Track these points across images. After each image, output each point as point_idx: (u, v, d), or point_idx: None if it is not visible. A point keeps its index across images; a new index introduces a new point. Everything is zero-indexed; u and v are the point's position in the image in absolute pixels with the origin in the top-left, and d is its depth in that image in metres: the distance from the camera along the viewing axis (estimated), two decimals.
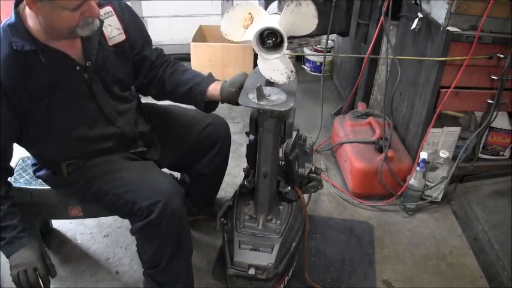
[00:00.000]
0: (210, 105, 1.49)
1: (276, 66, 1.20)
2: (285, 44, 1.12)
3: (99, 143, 1.41)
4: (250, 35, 1.13)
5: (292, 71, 1.21)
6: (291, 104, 1.19)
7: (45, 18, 1.15)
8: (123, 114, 1.44)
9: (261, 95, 1.19)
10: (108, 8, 1.35)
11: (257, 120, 1.32)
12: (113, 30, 1.36)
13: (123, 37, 1.38)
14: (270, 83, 1.30)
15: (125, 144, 1.47)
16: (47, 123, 1.30)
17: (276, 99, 1.22)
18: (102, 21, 1.31)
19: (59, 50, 1.24)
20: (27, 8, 1.16)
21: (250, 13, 1.13)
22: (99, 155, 1.42)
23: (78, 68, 1.29)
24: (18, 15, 1.20)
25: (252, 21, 1.14)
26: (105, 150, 1.42)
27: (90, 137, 1.38)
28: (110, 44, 1.36)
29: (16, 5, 1.21)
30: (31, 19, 1.19)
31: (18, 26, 1.19)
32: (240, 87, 1.31)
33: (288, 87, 1.27)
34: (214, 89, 1.43)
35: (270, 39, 1.12)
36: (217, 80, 1.46)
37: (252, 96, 1.21)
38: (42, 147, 1.38)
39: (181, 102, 1.57)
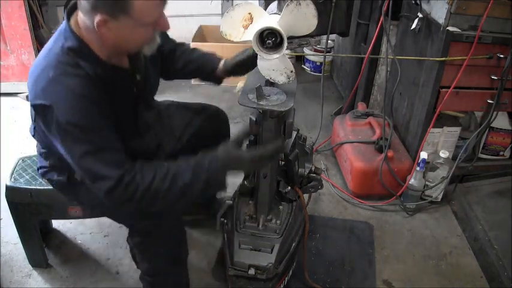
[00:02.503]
0: (220, 80, 1.55)
1: (275, 66, 1.20)
2: (285, 44, 1.12)
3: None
4: (250, 35, 1.13)
5: (292, 71, 1.21)
6: (291, 104, 1.19)
7: (117, 37, 1.06)
8: (151, 127, 1.39)
9: (260, 95, 1.19)
10: None
11: (257, 120, 1.32)
12: None
13: None
14: (270, 83, 1.30)
15: (147, 154, 1.36)
16: None
17: (275, 99, 1.22)
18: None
19: (123, 68, 1.20)
20: (86, 28, 1.08)
21: (250, 13, 1.13)
22: None
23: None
24: (78, 37, 1.10)
25: (252, 21, 1.14)
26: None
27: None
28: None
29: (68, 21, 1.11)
30: (95, 40, 1.10)
31: (83, 50, 1.10)
32: (245, 58, 1.37)
33: (287, 87, 1.27)
34: (222, 65, 1.48)
35: (269, 39, 1.12)
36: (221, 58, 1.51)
37: (252, 96, 1.21)
38: None
39: (190, 78, 1.77)
